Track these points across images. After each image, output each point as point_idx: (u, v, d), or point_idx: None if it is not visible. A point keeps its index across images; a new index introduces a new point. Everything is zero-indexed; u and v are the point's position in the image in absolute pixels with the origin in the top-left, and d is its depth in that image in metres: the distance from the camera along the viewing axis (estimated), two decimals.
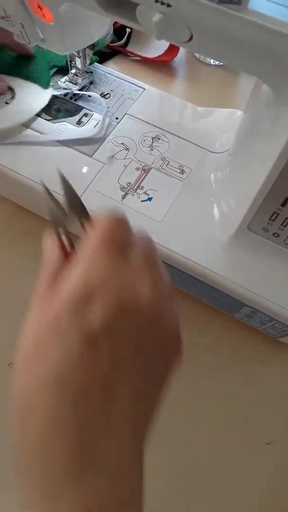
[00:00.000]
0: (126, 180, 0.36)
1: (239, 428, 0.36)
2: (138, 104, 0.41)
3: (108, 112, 0.40)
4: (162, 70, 0.55)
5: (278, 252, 0.32)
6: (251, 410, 0.37)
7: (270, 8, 0.19)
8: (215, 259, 0.33)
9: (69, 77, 0.41)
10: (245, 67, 0.23)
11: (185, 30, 0.22)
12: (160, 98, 0.42)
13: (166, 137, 0.39)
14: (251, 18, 0.19)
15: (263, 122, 0.28)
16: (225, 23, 0.20)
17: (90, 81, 0.42)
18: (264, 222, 0.30)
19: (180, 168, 0.37)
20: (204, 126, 0.40)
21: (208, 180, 0.36)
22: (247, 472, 0.34)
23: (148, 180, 0.36)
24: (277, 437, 0.36)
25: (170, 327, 0.20)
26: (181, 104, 0.41)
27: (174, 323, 0.21)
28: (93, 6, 0.24)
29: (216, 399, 0.37)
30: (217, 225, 0.34)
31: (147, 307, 0.19)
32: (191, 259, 0.33)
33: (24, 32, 0.30)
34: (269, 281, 0.32)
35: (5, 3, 0.28)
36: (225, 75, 0.54)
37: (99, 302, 0.18)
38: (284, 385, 0.38)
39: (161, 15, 0.21)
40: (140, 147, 0.38)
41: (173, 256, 0.33)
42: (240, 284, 0.32)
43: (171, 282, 0.23)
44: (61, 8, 0.26)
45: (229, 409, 0.37)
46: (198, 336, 0.39)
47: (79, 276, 0.19)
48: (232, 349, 0.39)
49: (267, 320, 0.34)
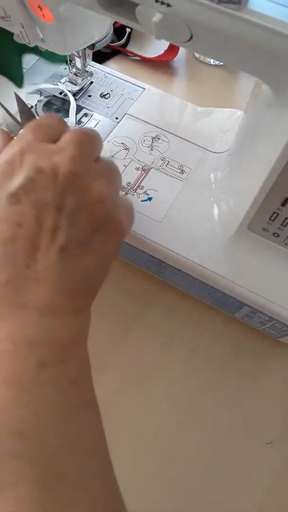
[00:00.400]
0: (126, 180, 0.36)
1: (239, 428, 0.36)
2: (138, 104, 0.41)
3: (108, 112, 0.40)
4: (162, 70, 0.55)
5: (278, 252, 0.32)
6: (251, 410, 0.37)
7: (270, 8, 0.19)
8: (215, 259, 0.33)
9: (69, 77, 0.41)
10: (245, 67, 0.23)
11: (185, 30, 0.22)
12: (160, 98, 0.42)
13: (166, 137, 0.39)
14: (251, 18, 0.19)
15: (263, 122, 0.28)
16: (225, 23, 0.20)
17: (90, 81, 0.42)
18: (264, 222, 0.30)
19: (180, 168, 0.37)
20: (204, 126, 0.40)
21: (208, 180, 0.36)
22: (247, 472, 0.34)
23: (148, 180, 0.36)
24: (277, 437, 0.36)
25: (98, 200, 0.23)
26: (181, 104, 0.41)
27: (104, 196, 0.23)
28: (94, 6, 0.24)
29: (216, 399, 0.37)
30: (217, 225, 0.34)
31: (64, 174, 0.22)
32: (191, 259, 0.33)
33: (24, 32, 0.30)
34: (269, 281, 0.32)
35: (5, 3, 0.27)
36: (225, 75, 0.54)
37: (19, 168, 0.22)
38: (284, 385, 0.38)
39: (161, 15, 0.21)
40: (140, 147, 0.38)
41: (173, 256, 0.33)
42: (240, 284, 0.32)
43: (173, 283, 0.24)
44: (61, 8, 0.26)
45: (229, 409, 0.37)
46: (198, 336, 0.39)
47: (5, 152, 0.23)
48: (232, 349, 0.39)
49: (267, 320, 0.34)
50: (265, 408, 0.37)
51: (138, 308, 0.40)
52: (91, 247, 0.23)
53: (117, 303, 0.40)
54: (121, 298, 0.41)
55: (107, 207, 0.23)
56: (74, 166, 0.22)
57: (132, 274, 0.41)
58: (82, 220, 0.22)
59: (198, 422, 0.36)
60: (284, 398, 0.37)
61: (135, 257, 0.38)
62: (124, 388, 0.37)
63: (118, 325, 0.39)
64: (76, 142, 0.23)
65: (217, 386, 0.37)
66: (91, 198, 0.22)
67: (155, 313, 0.40)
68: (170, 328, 0.39)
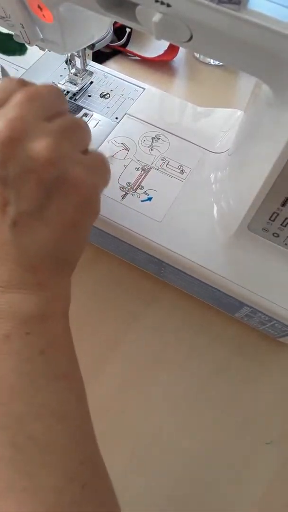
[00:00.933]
0: (126, 180, 0.36)
1: (239, 428, 0.36)
2: (138, 104, 0.41)
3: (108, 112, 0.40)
4: (162, 70, 0.55)
5: (278, 252, 0.31)
6: (251, 410, 0.37)
7: (270, 8, 0.19)
8: (215, 259, 0.33)
9: (69, 77, 0.41)
10: (245, 67, 0.23)
11: (185, 30, 0.22)
12: (160, 98, 0.42)
13: (166, 137, 0.39)
14: (251, 18, 0.19)
15: (263, 122, 0.28)
16: (225, 23, 0.20)
17: (90, 81, 0.42)
18: (264, 222, 0.30)
19: (180, 168, 0.37)
20: (204, 126, 0.40)
21: (208, 180, 0.36)
22: (247, 472, 0.34)
23: (148, 180, 0.36)
24: (277, 437, 0.36)
25: (45, 163, 0.20)
26: (181, 104, 0.41)
27: (52, 156, 0.20)
28: (93, 6, 0.24)
29: (215, 399, 0.37)
30: (217, 225, 0.34)
31: (1, 142, 0.20)
32: (191, 259, 0.33)
33: (24, 32, 0.30)
34: (269, 281, 0.32)
35: (5, 3, 0.27)
36: (225, 75, 0.54)
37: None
38: (284, 385, 0.38)
39: (161, 15, 0.21)
40: (140, 147, 0.38)
41: (173, 256, 0.33)
42: (240, 284, 0.32)
43: (173, 283, 0.24)
44: (61, 8, 0.26)
45: (229, 409, 0.37)
46: (197, 336, 0.39)
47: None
48: (232, 349, 0.39)
49: (267, 320, 0.34)
50: (265, 408, 0.37)
51: (138, 308, 0.40)
52: (46, 216, 0.21)
53: (117, 303, 0.40)
54: (121, 298, 0.41)
55: (57, 168, 0.20)
56: (13, 131, 0.20)
57: (132, 274, 0.41)
58: (29, 188, 0.20)
59: (198, 422, 0.36)
60: (284, 398, 0.37)
61: (135, 257, 0.38)
62: (124, 388, 0.37)
63: (118, 325, 0.39)
64: (18, 104, 0.21)
65: (217, 386, 0.37)
66: (36, 161, 0.20)
67: (155, 313, 0.40)
68: (170, 328, 0.39)
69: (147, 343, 0.39)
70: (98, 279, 0.41)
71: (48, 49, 0.32)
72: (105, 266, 0.42)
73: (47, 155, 0.20)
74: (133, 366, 0.38)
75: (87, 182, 0.21)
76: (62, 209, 0.21)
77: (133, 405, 0.36)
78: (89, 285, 0.41)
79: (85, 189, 0.21)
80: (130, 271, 0.41)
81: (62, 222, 0.21)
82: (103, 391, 0.36)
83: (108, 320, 0.39)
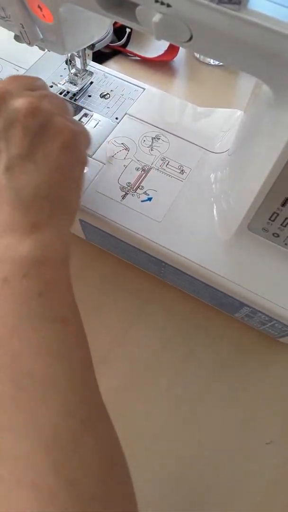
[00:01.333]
0: (126, 180, 0.36)
1: (239, 428, 0.36)
2: (138, 104, 0.41)
3: (108, 112, 0.40)
4: (162, 70, 0.55)
5: (278, 252, 0.32)
6: (251, 410, 0.37)
7: (270, 8, 0.19)
8: (215, 259, 0.33)
9: (69, 77, 0.41)
10: (245, 67, 0.23)
11: (185, 30, 0.22)
12: (160, 98, 0.42)
13: (166, 137, 0.39)
14: (251, 18, 0.19)
15: (263, 122, 0.28)
16: (225, 23, 0.20)
17: (90, 81, 0.42)
18: (264, 222, 0.30)
19: (180, 168, 0.37)
20: (204, 126, 0.40)
21: (208, 180, 0.36)
22: (247, 472, 0.34)
23: (148, 180, 0.36)
24: (277, 437, 0.36)
25: (29, 113, 0.24)
26: (181, 104, 0.41)
27: (35, 105, 0.24)
28: (93, 6, 0.24)
29: (215, 399, 0.37)
30: (217, 225, 0.34)
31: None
32: (191, 259, 0.33)
33: (24, 32, 0.30)
34: (269, 281, 0.32)
35: (5, 3, 0.28)
36: (225, 75, 0.55)
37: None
38: (284, 385, 0.38)
39: (161, 15, 0.21)
40: (140, 147, 0.38)
41: (173, 256, 0.33)
42: (240, 284, 0.32)
43: (173, 283, 0.24)
44: (61, 8, 0.26)
45: (229, 409, 0.37)
46: (198, 336, 0.39)
47: None
48: (232, 349, 0.39)
49: (267, 320, 0.34)
50: (265, 408, 0.37)
51: (138, 308, 0.40)
52: (36, 158, 0.24)
53: (117, 303, 0.40)
54: (121, 298, 0.41)
55: (41, 115, 0.24)
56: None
57: (132, 274, 0.41)
58: (16, 135, 0.23)
59: (198, 422, 0.36)
60: (284, 398, 0.37)
61: (135, 257, 0.38)
62: (124, 388, 0.37)
63: (118, 325, 0.39)
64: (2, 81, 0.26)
65: (217, 386, 0.37)
66: (19, 112, 0.23)
67: (155, 313, 0.40)
68: (170, 328, 0.39)
69: (147, 343, 0.39)
70: (98, 279, 0.41)
71: (48, 49, 0.32)
72: (105, 266, 0.42)
73: (28, 106, 0.24)
74: (133, 366, 0.38)
75: (69, 126, 0.25)
76: (48, 152, 0.24)
77: (133, 405, 0.36)
78: (89, 285, 0.41)
79: (67, 133, 0.25)
80: (130, 271, 0.41)
81: (49, 164, 0.24)
82: (103, 391, 0.36)
83: (108, 320, 0.39)
